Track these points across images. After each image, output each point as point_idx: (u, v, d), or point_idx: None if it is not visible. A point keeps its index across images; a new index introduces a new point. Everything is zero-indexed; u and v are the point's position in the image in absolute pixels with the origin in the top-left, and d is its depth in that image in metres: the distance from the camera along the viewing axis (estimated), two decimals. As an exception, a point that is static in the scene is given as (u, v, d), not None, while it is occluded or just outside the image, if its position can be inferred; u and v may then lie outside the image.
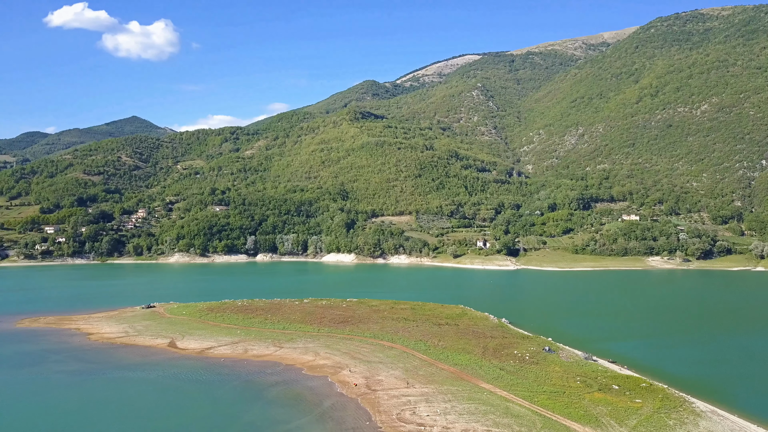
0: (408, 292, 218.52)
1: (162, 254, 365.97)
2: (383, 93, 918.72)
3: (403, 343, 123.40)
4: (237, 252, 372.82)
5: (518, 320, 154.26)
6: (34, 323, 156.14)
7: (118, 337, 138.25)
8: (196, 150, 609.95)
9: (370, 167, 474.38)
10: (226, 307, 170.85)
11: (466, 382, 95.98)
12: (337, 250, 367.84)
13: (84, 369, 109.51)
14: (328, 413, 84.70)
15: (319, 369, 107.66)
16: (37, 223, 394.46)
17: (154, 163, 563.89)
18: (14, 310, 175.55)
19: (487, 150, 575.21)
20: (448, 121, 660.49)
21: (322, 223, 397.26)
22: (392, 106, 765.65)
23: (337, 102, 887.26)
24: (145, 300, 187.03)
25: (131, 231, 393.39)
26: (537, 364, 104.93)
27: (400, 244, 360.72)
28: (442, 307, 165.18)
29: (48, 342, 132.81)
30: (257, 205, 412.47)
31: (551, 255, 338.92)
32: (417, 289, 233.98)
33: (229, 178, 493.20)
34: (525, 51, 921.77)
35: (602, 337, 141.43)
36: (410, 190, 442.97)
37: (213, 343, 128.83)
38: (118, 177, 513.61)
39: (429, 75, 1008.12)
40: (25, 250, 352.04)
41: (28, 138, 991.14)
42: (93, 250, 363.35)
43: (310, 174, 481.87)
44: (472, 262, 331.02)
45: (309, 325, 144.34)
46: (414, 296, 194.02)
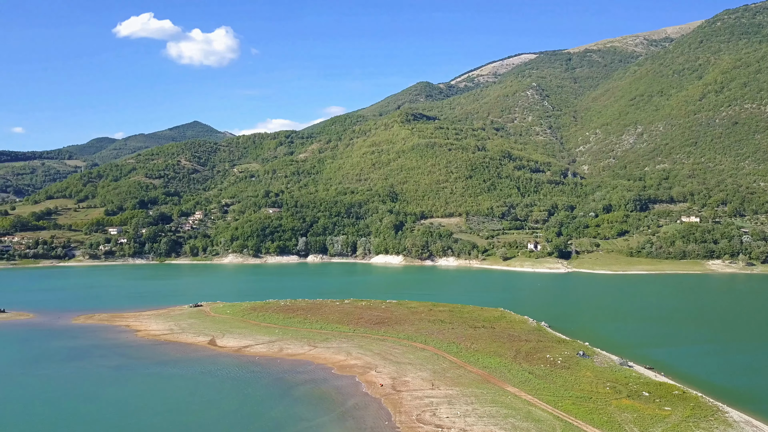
0: (451, 294, 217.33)
1: (217, 255, 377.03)
2: (437, 94, 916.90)
3: (435, 345, 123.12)
4: (288, 253, 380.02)
5: (559, 324, 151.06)
6: (88, 320, 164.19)
7: (162, 334, 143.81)
8: (252, 153, 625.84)
9: (420, 169, 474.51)
10: (269, 306, 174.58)
11: (493, 385, 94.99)
12: (386, 251, 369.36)
13: (125, 364, 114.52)
14: (350, 412, 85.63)
15: (348, 369, 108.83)
16: (102, 225, 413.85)
17: (212, 167, 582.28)
18: (74, 307, 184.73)
19: (541, 150, 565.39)
20: (501, 122, 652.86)
21: (371, 224, 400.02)
22: (445, 107, 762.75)
23: (390, 104, 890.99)
24: (194, 299, 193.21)
25: (188, 232, 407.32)
26: (568, 368, 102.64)
27: (448, 246, 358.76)
28: (480, 310, 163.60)
29: (97, 338, 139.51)
30: (309, 207, 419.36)
31: (604, 257, 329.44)
32: (461, 292, 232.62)
33: (283, 180, 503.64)
34: (583, 49, 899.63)
35: (646, 342, 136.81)
36: (460, 191, 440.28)
37: (250, 342, 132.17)
38: (178, 180, 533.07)
39: (484, 75, 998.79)
40: (90, 250, 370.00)
41: (98, 143, 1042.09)
42: (152, 251, 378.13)
43: (360, 176, 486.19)
44: (522, 264, 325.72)
45: (345, 325, 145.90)
46: (457, 299, 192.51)
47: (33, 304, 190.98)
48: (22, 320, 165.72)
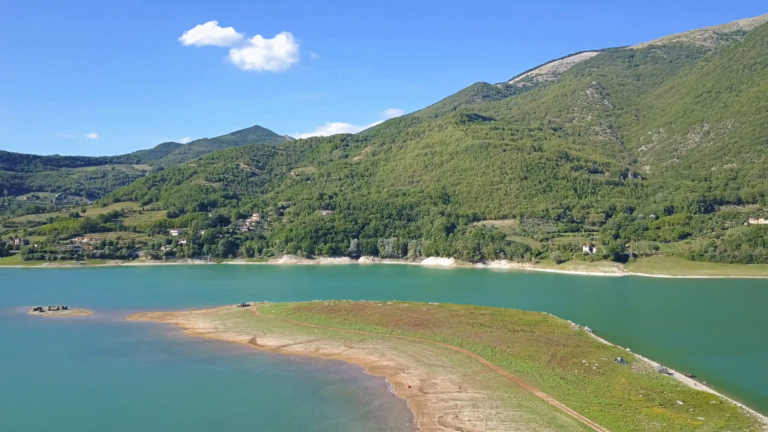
0: (497, 297, 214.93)
1: (272, 256, 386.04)
2: (494, 94, 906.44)
3: (470, 348, 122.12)
4: (340, 254, 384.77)
5: (603, 329, 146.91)
6: (141, 317, 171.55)
7: (207, 332, 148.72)
8: (309, 157, 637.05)
9: (474, 170, 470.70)
10: (314, 307, 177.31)
11: (521, 389, 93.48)
12: (436, 253, 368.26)
13: (168, 360, 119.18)
14: (373, 412, 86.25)
15: (380, 370, 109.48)
16: (164, 227, 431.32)
17: (270, 170, 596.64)
18: (130, 305, 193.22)
19: (600, 150, 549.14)
20: (559, 122, 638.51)
21: (423, 226, 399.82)
22: (502, 107, 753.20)
23: (446, 105, 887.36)
24: (244, 299, 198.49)
25: (245, 234, 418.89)
26: (603, 374, 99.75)
27: (500, 249, 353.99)
28: (523, 314, 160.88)
29: (147, 335, 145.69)
30: (361, 209, 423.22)
31: (664, 261, 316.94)
32: (508, 295, 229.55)
33: (337, 183, 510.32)
34: (647, 45, 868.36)
35: (695, 350, 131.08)
36: (515, 192, 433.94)
37: (289, 341, 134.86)
38: (236, 183, 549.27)
39: (543, 74, 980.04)
40: (152, 251, 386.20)
41: (164, 148, 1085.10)
42: (210, 252, 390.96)
43: (413, 178, 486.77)
44: (576, 268, 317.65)
45: (384, 326, 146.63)
46: (502, 302, 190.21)
47: (94, 302, 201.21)
48: (81, 317, 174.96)
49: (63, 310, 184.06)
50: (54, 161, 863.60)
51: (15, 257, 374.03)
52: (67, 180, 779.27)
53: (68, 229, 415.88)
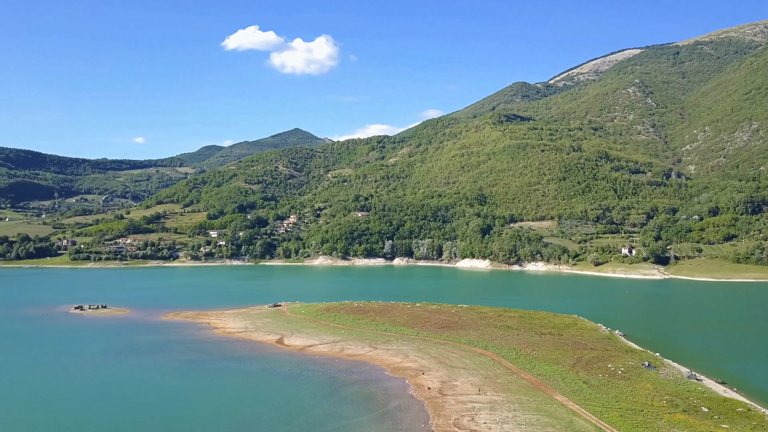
0: (530, 300, 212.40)
1: (308, 257, 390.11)
2: (534, 94, 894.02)
3: (494, 351, 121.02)
4: (375, 256, 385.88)
5: (635, 333, 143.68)
6: (175, 317, 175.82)
7: (237, 332, 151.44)
8: (346, 159, 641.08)
9: (511, 171, 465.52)
10: (343, 307, 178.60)
11: (542, 393, 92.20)
12: (472, 255, 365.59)
13: (196, 358, 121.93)
14: (391, 413, 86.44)
15: (401, 371, 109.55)
16: (204, 228, 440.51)
17: (307, 172, 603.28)
18: (166, 305, 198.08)
19: (642, 150, 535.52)
20: (600, 121, 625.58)
21: (458, 228, 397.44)
22: (541, 107, 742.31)
23: (485, 106, 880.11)
24: (277, 299, 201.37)
25: (282, 235, 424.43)
26: (627, 379, 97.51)
27: (537, 251, 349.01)
28: (552, 316, 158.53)
29: (179, 333, 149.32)
30: (396, 210, 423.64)
31: (707, 264, 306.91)
32: (540, 298, 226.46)
33: (373, 185, 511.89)
34: (692, 41, 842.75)
35: (730, 355, 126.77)
36: (553, 193, 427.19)
37: (315, 341, 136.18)
38: (275, 185, 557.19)
39: (584, 73, 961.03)
40: (192, 251, 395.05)
41: (206, 151, 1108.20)
42: (248, 253, 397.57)
43: (449, 179, 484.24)
44: (615, 270, 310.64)
45: (410, 328, 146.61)
46: (533, 305, 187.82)
47: (132, 301, 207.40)
48: (119, 315, 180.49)
49: (102, 308, 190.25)
50: (102, 165, 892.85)
51: (63, 257, 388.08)
52: (113, 183, 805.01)
53: (113, 231, 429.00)
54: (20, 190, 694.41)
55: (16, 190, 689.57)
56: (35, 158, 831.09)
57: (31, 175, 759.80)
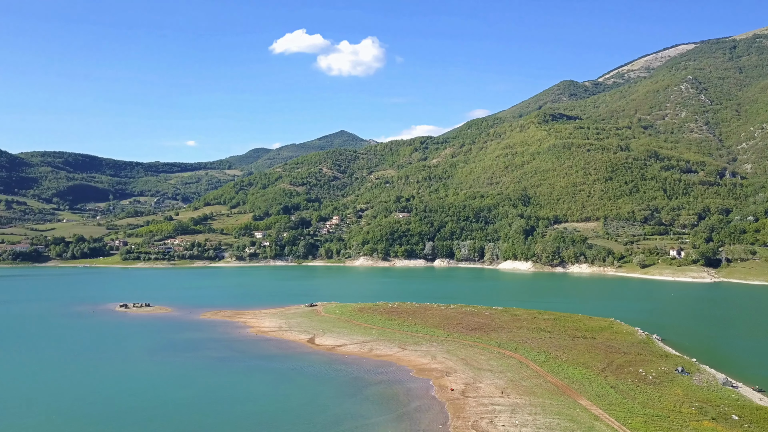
0: (569, 302, 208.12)
1: (349, 257, 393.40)
2: (581, 93, 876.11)
3: (523, 353, 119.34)
4: (416, 257, 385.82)
5: (675, 337, 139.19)
6: (214, 315, 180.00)
7: (271, 330, 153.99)
8: (389, 160, 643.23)
9: (556, 171, 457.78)
10: (377, 308, 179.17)
11: (566, 396, 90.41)
12: (514, 257, 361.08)
13: (228, 356, 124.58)
14: (409, 414, 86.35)
15: (427, 372, 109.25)
16: (249, 229, 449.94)
17: (350, 174, 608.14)
18: (207, 304, 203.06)
19: (695, 149, 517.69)
20: (650, 119, 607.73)
21: (500, 229, 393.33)
22: (588, 105, 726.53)
23: (531, 105, 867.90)
24: (314, 299, 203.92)
25: (324, 236, 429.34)
26: (657, 385, 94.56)
27: (581, 252, 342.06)
28: (588, 319, 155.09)
29: (214, 332, 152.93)
30: (437, 211, 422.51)
31: (762, 267, 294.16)
32: (581, 300, 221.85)
33: (415, 186, 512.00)
34: (751, 35, 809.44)
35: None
36: (599, 194, 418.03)
37: (345, 341, 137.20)
38: (318, 187, 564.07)
39: (635, 70, 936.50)
40: (237, 252, 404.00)
41: (254, 154, 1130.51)
42: (291, 253, 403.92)
43: (492, 180, 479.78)
44: (662, 273, 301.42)
45: (442, 329, 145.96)
46: (574, 307, 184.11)
47: (175, 300, 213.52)
48: (160, 314, 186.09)
49: (146, 307, 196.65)
50: (154, 168, 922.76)
51: (115, 257, 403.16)
52: (165, 185, 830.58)
53: (162, 232, 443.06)
54: (78, 193, 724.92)
55: (75, 193, 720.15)
56: (92, 162, 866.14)
57: (88, 178, 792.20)
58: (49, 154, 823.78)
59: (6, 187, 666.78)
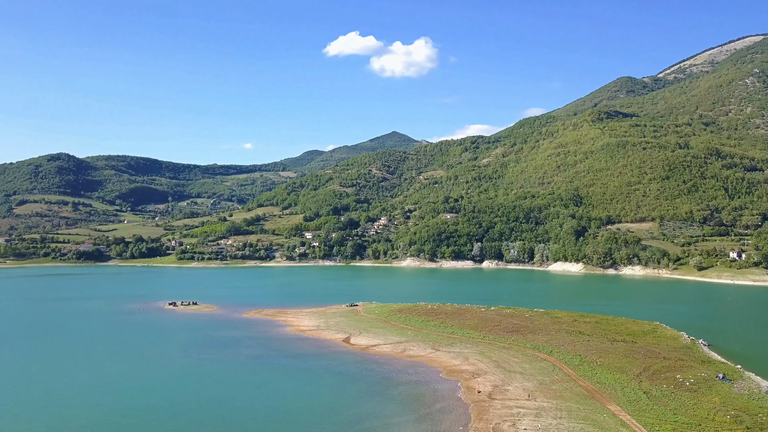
0: (616, 305, 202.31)
1: (396, 258, 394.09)
2: (640, 89, 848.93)
3: (558, 357, 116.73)
4: (463, 258, 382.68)
5: (723, 343, 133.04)
6: (256, 314, 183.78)
7: (309, 330, 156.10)
8: (438, 161, 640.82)
9: (610, 170, 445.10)
10: (416, 309, 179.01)
11: (595, 401, 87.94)
12: (564, 258, 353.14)
13: (264, 354, 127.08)
14: (432, 415, 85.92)
15: (456, 374, 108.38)
16: (300, 230, 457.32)
17: (400, 175, 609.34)
18: (251, 303, 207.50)
19: (761, 146, 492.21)
20: (712, 115, 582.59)
21: (551, 230, 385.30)
22: (646, 102, 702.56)
23: (586, 103, 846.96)
24: (357, 299, 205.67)
25: (372, 237, 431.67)
26: (694, 391, 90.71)
27: (634, 254, 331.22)
28: (631, 323, 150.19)
29: (254, 330, 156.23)
30: (486, 212, 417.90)
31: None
32: (630, 303, 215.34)
33: (464, 186, 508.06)
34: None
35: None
36: (654, 194, 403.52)
37: (380, 341, 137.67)
38: (368, 188, 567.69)
39: (698, 65, 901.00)
40: (287, 252, 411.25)
41: (308, 156, 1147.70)
42: (339, 254, 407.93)
43: (543, 179, 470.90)
44: (720, 275, 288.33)
45: (478, 331, 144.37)
46: (620, 310, 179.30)
47: (222, 299, 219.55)
48: (206, 312, 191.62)
49: (193, 305, 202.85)
50: (211, 170, 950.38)
51: (171, 257, 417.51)
52: (221, 187, 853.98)
53: (216, 232, 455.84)
54: (139, 195, 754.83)
55: (136, 195, 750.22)
56: (153, 165, 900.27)
57: (148, 180, 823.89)
58: (113, 158, 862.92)
59: (73, 190, 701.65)
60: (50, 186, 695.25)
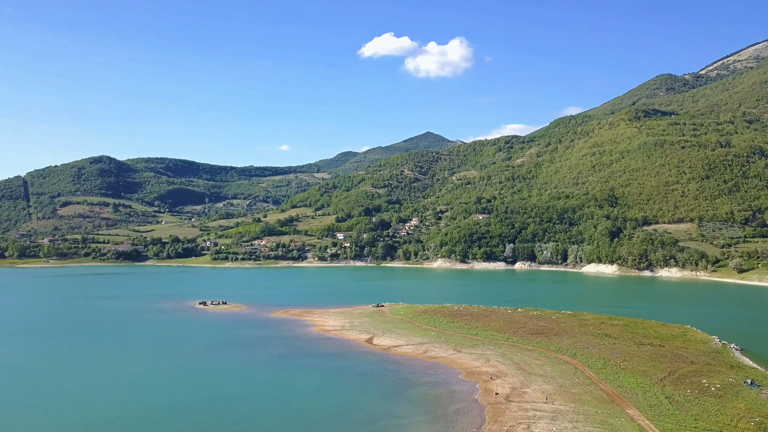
0: (648, 307, 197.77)
1: (426, 259, 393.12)
2: (680, 86, 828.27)
3: (581, 359, 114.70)
4: (495, 259, 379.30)
5: (757, 348, 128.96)
6: (284, 314, 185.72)
7: (333, 330, 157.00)
8: (472, 161, 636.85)
9: (647, 170, 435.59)
10: (443, 310, 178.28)
11: (614, 405, 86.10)
12: (598, 260, 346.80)
13: (286, 353, 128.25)
14: (447, 416, 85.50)
15: (476, 375, 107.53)
16: (331, 230, 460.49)
17: (432, 175, 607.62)
18: (279, 303, 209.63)
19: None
20: (756, 113, 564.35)
21: (585, 231, 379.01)
22: (686, 100, 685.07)
23: (624, 101, 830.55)
24: (384, 299, 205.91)
25: (403, 237, 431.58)
26: (719, 397, 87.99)
27: (671, 256, 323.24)
28: (661, 326, 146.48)
29: (281, 330, 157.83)
30: (518, 213, 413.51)
31: None
32: (663, 306, 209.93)
33: (497, 186, 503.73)
34: None
35: None
36: (693, 194, 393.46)
37: (402, 342, 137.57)
38: (400, 189, 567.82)
39: (742, 60, 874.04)
40: (319, 253, 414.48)
41: (342, 157, 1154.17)
42: (370, 254, 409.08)
43: (578, 180, 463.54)
44: (761, 278, 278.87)
45: (502, 333, 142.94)
46: (652, 313, 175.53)
47: (252, 298, 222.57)
48: (234, 311, 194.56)
49: (223, 304, 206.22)
50: (247, 172, 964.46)
51: (205, 257, 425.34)
52: (256, 188, 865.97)
53: (250, 233, 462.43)
54: (177, 196, 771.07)
55: (174, 196, 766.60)
56: (190, 167, 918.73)
57: (186, 182, 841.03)
58: (152, 160, 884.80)
59: (114, 192, 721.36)
60: (92, 188, 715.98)
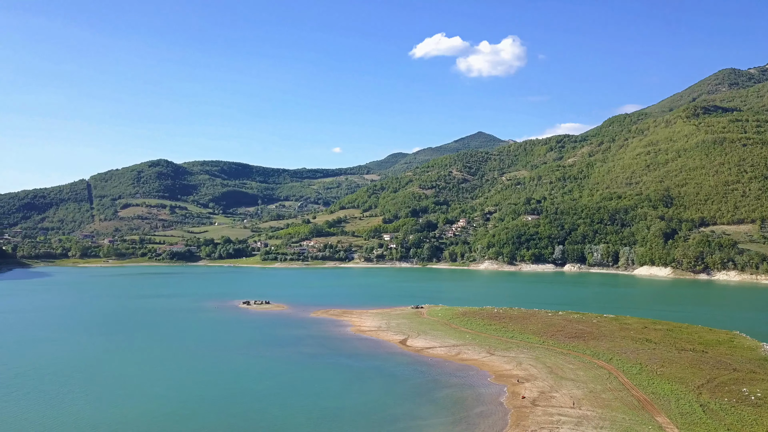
0: (698, 312, 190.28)
1: (473, 261, 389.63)
2: (744, 81, 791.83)
3: (616, 364, 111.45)
4: (544, 261, 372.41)
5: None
6: (323, 314, 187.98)
7: (370, 330, 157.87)
8: (522, 161, 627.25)
9: (705, 169, 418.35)
10: (481, 313, 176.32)
11: (644, 412, 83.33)
12: (651, 262, 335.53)
13: (320, 353, 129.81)
14: (470, 418, 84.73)
15: (505, 378, 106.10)
16: (378, 232, 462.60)
17: (481, 176, 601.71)
18: (320, 303, 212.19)
19: None
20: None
21: (637, 232, 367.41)
22: (751, 95, 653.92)
23: (684, 98, 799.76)
24: (426, 301, 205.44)
25: (450, 239, 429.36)
26: (759, 406, 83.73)
27: (729, 258, 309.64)
28: (706, 331, 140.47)
29: (317, 329, 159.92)
30: (568, 213, 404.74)
31: None
32: (715, 310, 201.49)
33: (547, 187, 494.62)
34: None
35: None
36: (755, 193, 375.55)
37: (436, 344, 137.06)
38: (447, 190, 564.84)
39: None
40: (365, 254, 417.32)
41: (392, 159, 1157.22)
42: (416, 256, 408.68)
43: (631, 179, 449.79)
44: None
45: (538, 336, 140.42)
46: (701, 317, 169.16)
47: (294, 298, 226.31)
48: (276, 311, 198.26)
49: (265, 304, 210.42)
50: (299, 174, 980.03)
51: (255, 258, 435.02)
52: (308, 190, 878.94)
53: (299, 234, 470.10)
54: (231, 198, 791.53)
55: (228, 198, 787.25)
56: (244, 169, 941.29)
57: (239, 184, 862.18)
58: (207, 163, 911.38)
59: (171, 194, 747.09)
60: (150, 190, 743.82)
